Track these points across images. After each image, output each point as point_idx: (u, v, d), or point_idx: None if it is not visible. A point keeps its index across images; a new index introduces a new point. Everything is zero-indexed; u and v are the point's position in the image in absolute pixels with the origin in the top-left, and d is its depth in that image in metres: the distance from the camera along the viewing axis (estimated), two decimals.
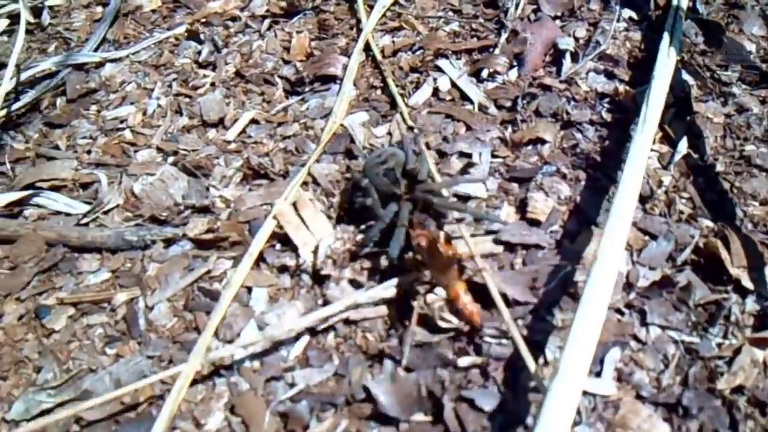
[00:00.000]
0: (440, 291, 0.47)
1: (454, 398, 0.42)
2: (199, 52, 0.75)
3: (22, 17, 0.79)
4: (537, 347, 0.44)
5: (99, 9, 0.86)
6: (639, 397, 0.42)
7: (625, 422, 0.40)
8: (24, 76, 0.73)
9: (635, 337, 0.44)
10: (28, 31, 0.82)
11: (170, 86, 0.71)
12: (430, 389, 0.42)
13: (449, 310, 0.46)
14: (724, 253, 0.47)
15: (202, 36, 0.76)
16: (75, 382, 0.49)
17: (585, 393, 0.42)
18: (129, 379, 0.48)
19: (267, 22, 0.77)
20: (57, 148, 0.67)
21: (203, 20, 0.79)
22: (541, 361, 0.43)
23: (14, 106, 0.71)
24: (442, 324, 0.45)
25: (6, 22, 0.85)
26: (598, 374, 0.43)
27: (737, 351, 0.43)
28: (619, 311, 0.46)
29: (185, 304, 0.51)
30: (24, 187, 0.63)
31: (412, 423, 0.42)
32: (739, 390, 0.41)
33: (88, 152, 0.66)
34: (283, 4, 0.79)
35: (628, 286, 0.47)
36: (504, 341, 0.44)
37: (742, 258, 0.47)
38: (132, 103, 0.71)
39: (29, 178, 0.64)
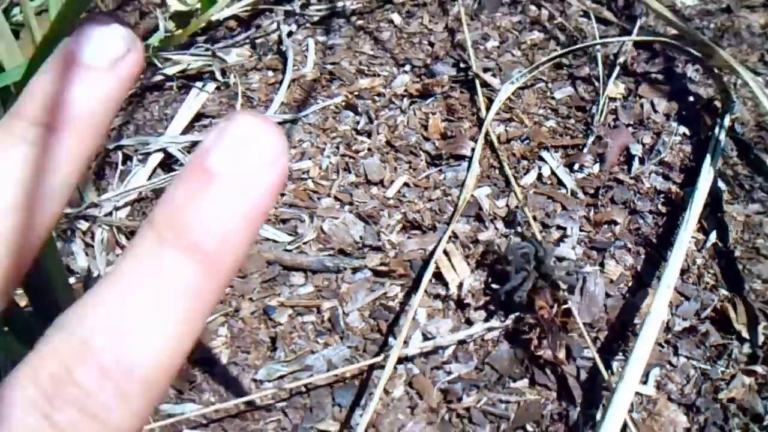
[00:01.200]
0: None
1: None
2: (357, 122, 1.06)
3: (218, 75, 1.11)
4: (608, 365, 0.75)
5: (270, 73, 1.17)
6: (670, 399, 0.73)
7: (660, 413, 0.71)
8: None
9: (669, 362, 0.75)
10: (217, 88, 1.14)
11: (337, 147, 1.03)
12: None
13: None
14: (732, 314, 0.78)
15: (358, 107, 1.08)
16: (299, 359, 0.80)
17: (637, 393, 0.72)
18: (337, 361, 0.79)
19: (406, 101, 1.09)
20: None
21: (356, 93, 1.11)
22: (612, 373, 0.74)
23: None
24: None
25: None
26: (645, 383, 0.74)
27: (733, 376, 0.74)
28: (660, 345, 0.77)
29: (370, 314, 0.83)
30: None
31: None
32: (732, 400, 0.72)
33: (282, 195, 0.98)
34: (418, 86, 1.10)
35: (668, 329, 0.78)
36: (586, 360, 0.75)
37: (744, 318, 0.78)
38: (309, 158, 1.02)
39: None
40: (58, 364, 0.20)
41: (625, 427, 0.68)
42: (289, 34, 1.20)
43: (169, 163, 1.02)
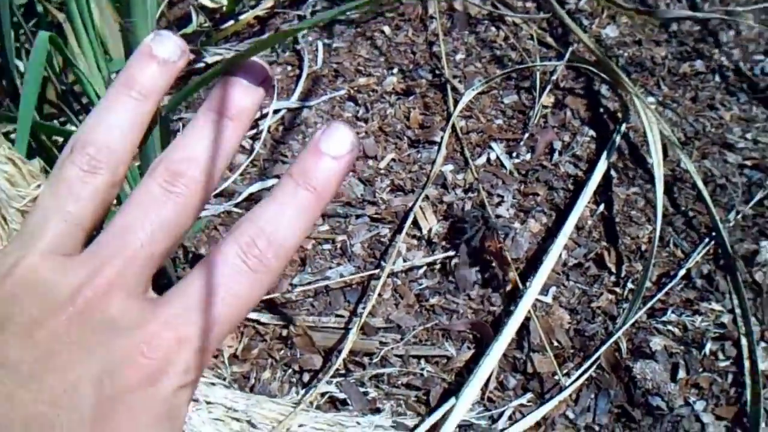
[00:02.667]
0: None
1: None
2: (357, 111, 1.55)
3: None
4: (524, 283, 1.26)
5: (288, 68, 1.65)
6: (560, 305, 1.24)
7: (553, 313, 1.23)
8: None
9: (563, 284, 1.27)
10: None
11: None
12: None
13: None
14: (607, 257, 1.30)
15: (358, 100, 1.57)
16: (321, 272, 1.30)
17: (540, 301, 1.24)
18: (346, 274, 1.29)
19: (393, 97, 1.58)
20: (284, 155, 1.48)
21: (356, 88, 1.60)
22: (526, 287, 1.26)
23: (264, 130, 1.50)
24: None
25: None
26: (546, 295, 1.25)
27: (602, 294, 1.26)
28: (558, 273, 1.28)
29: (369, 245, 1.32)
30: (275, 176, 1.43)
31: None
32: (599, 307, 1.24)
33: None
34: (403, 86, 1.60)
35: (564, 264, 1.29)
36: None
37: (614, 260, 1.30)
38: None
39: (275, 171, 1.44)
40: (248, 236, 0.40)
41: (529, 319, 1.20)
42: (303, 36, 1.68)
43: None
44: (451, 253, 1.29)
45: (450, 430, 1.01)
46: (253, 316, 1.23)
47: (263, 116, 1.50)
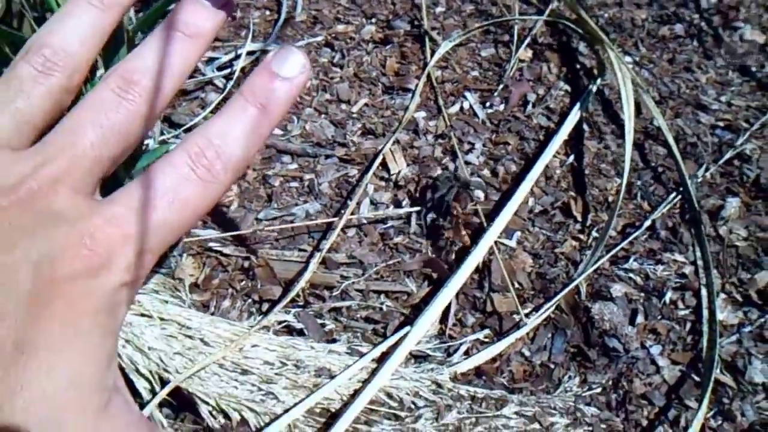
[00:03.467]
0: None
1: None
2: (333, 57, 1.55)
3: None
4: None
5: (267, 12, 1.65)
6: (524, 250, 1.24)
7: (517, 257, 1.23)
8: (236, 53, 1.52)
9: (527, 230, 1.27)
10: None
11: (318, 74, 1.52)
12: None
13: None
14: (573, 206, 1.30)
15: (335, 46, 1.56)
16: (287, 209, 1.29)
17: (504, 245, 1.24)
18: (312, 212, 1.29)
19: (371, 45, 1.58)
20: None
21: (334, 35, 1.59)
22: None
23: (238, 69, 1.50)
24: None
25: None
26: (510, 239, 1.25)
27: (566, 240, 1.26)
28: (524, 219, 1.28)
29: (336, 185, 1.32)
30: None
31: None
32: (562, 252, 1.24)
33: None
34: (381, 35, 1.59)
35: (530, 211, 1.30)
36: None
37: (581, 209, 1.30)
38: None
39: None
40: (197, 147, 0.42)
41: (491, 260, 1.20)
42: None
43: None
44: (418, 208, 1.29)
45: (402, 357, 1.02)
46: (216, 246, 1.22)
47: (237, 57, 1.49)
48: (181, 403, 1.04)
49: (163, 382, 1.00)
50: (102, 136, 0.41)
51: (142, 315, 1.00)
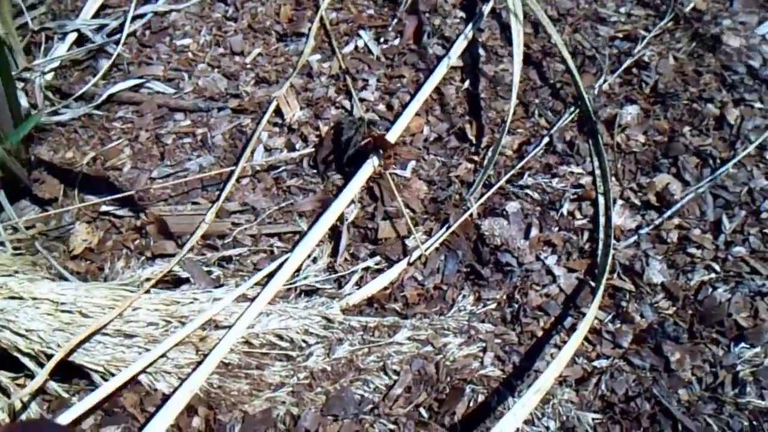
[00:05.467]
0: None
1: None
2: (227, 11, 1.52)
3: None
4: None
5: None
6: (419, 177, 1.23)
7: (411, 185, 1.22)
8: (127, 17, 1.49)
9: (422, 158, 1.25)
10: None
11: (211, 30, 1.49)
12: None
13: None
14: (469, 129, 1.28)
15: (227, 0, 1.54)
16: (180, 164, 1.27)
17: (400, 176, 1.22)
18: (206, 165, 1.27)
19: None
20: (150, 58, 1.45)
21: None
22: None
23: (124, 34, 1.47)
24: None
25: None
26: (404, 169, 1.24)
27: (461, 164, 1.24)
28: (418, 148, 1.27)
29: (230, 136, 1.30)
30: (138, 77, 1.40)
31: None
32: (457, 176, 1.23)
33: (168, 62, 1.44)
34: None
35: (426, 140, 1.28)
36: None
37: (476, 132, 1.29)
38: (190, 37, 1.48)
39: (140, 72, 1.41)
40: None
41: (381, 189, 1.18)
42: None
43: (81, 40, 1.46)
44: (311, 149, 1.27)
45: (280, 283, 1.01)
46: (109, 209, 1.21)
47: (123, 22, 1.46)
48: (72, 372, 1.03)
49: (49, 358, 0.99)
50: None
51: (12, 298, 0.99)
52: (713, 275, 1.10)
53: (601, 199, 1.18)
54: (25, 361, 0.99)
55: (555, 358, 0.90)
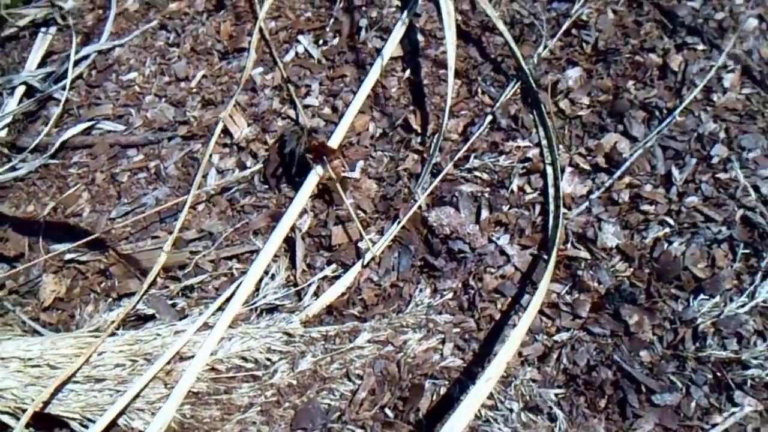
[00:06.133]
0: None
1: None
2: (168, 37, 1.54)
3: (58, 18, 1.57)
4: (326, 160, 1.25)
5: (101, 11, 1.63)
6: (368, 177, 1.23)
7: (361, 186, 1.22)
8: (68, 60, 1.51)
9: (371, 156, 1.26)
10: (59, 30, 1.59)
11: (155, 59, 1.50)
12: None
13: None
14: (413, 119, 1.28)
15: (169, 26, 1.55)
16: (137, 200, 1.29)
17: (349, 178, 1.23)
18: (162, 197, 1.29)
19: (205, 15, 1.56)
20: (98, 98, 1.47)
21: (168, 16, 1.58)
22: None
23: (69, 79, 1.49)
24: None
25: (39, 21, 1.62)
26: (353, 171, 1.24)
27: (407, 156, 1.25)
28: (366, 147, 1.27)
29: (182, 164, 1.32)
30: (89, 119, 1.42)
31: None
32: (405, 169, 1.23)
33: (117, 99, 1.45)
34: (215, 2, 1.57)
35: (372, 137, 1.28)
36: None
37: (420, 121, 1.29)
38: (135, 71, 1.49)
39: (90, 114, 1.43)
40: None
41: (325, 188, 1.19)
42: None
43: (30, 92, 1.48)
44: (260, 165, 1.28)
45: (237, 307, 1.03)
46: (73, 256, 1.23)
47: (73, 64, 1.48)
48: (53, 423, 1.06)
49: (25, 413, 1.02)
50: None
51: None
52: (668, 230, 1.10)
53: (549, 170, 1.18)
54: (5, 418, 1.02)
55: (506, 342, 0.91)
